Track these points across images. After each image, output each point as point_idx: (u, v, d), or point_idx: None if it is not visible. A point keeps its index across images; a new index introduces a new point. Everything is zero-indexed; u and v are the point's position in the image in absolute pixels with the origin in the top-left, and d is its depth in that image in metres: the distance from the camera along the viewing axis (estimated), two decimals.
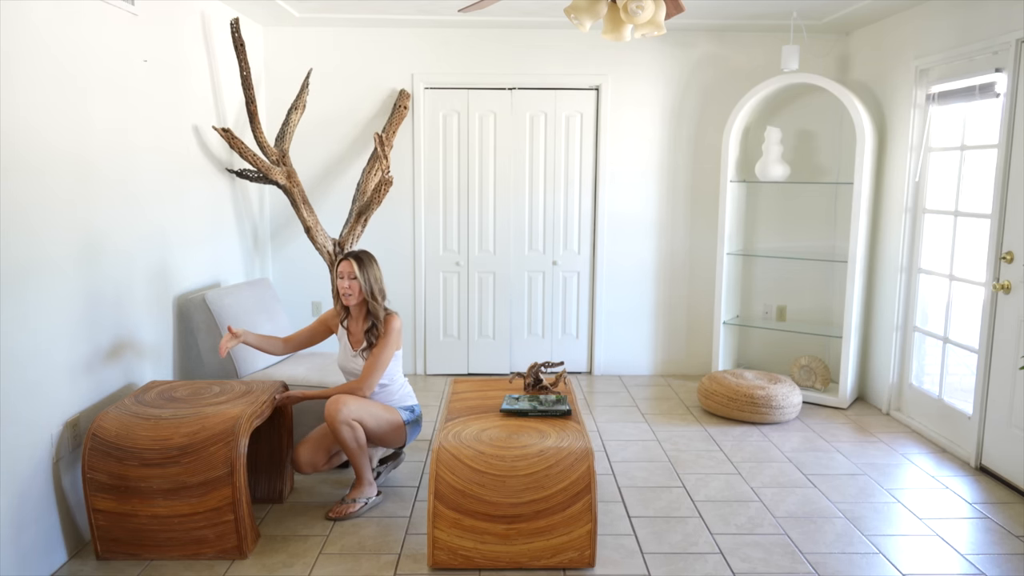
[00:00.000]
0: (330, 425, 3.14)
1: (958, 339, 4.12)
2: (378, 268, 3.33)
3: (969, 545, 3.04)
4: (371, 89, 5.16)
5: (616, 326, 5.48)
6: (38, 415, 2.70)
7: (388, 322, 3.30)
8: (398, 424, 3.34)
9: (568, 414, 3.13)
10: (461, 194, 5.32)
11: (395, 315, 3.34)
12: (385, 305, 3.35)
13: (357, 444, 3.20)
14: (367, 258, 3.31)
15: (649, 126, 5.28)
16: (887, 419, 4.58)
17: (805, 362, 4.98)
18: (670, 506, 3.36)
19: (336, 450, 3.38)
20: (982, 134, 3.95)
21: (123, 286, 3.29)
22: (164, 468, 2.76)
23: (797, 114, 5.16)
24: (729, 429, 4.37)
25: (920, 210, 4.41)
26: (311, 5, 4.61)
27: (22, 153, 2.60)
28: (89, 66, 3.02)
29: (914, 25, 4.39)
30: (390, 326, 3.29)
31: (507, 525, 2.74)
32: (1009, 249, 3.62)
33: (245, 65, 4.16)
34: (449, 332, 5.47)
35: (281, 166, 4.39)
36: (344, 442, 3.17)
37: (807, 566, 2.86)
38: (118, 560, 2.83)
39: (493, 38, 5.15)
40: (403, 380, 3.50)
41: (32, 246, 2.65)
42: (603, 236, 5.36)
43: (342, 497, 3.34)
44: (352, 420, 3.15)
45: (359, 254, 3.30)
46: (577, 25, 2.66)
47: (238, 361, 3.73)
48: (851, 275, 4.64)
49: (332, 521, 3.18)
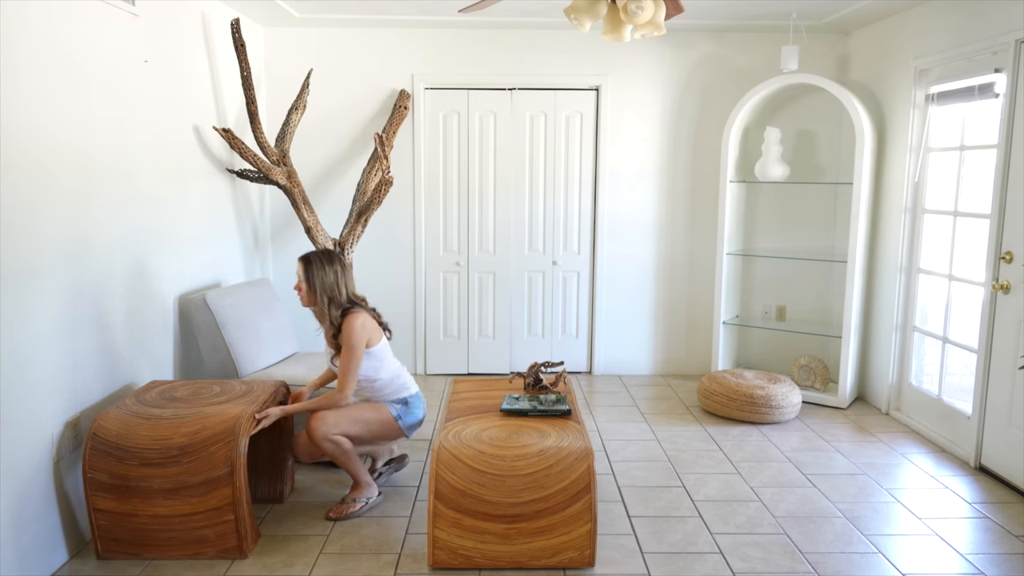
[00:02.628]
0: (313, 444, 3.13)
1: (957, 339, 4.13)
2: (335, 270, 3.14)
3: (968, 545, 3.04)
4: (371, 89, 5.16)
5: (616, 326, 5.48)
6: (39, 415, 2.71)
7: (346, 324, 3.11)
8: (387, 420, 3.24)
9: (568, 414, 3.14)
10: (461, 194, 5.33)
11: (355, 313, 3.13)
12: (351, 298, 3.17)
13: (344, 454, 3.17)
14: (319, 260, 3.14)
15: (649, 126, 5.28)
16: (887, 419, 4.58)
17: (805, 362, 4.99)
18: (670, 506, 3.36)
19: None
20: (981, 134, 3.96)
21: (124, 286, 3.29)
22: (165, 468, 2.77)
23: (797, 114, 5.16)
24: (729, 429, 4.38)
25: (919, 210, 4.42)
26: (311, 5, 4.61)
27: (22, 153, 2.60)
28: (90, 67, 3.02)
29: (914, 25, 4.40)
30: (348, 328, 3.10)
31: (507, 525, 2.74)
32: (1008, 249, 3.63)
33: (245, 65, 4.16)
34: (449, 332, 5.47)
35: (281, 166, 4.39)
36: (331, 456, 3.17)
37: (807, 566, 2.86)
38: (119, 560, 2.84)
39: (493, 38, 5.15)
40: (395, 372, 3.32)
41: (32, 246, 2.65)
42: (603, 236, 5.36)
43: (342, 497, 3.34)
44: (333, 436, 3.10)
45: (310, 256, 3.15)
46: (577, 25, 2.66)
47: (238, 361, 3.73)
48: (851, 275, 4.64)
49: (332, 521, 3.19)
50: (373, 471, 3.53)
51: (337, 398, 3.14)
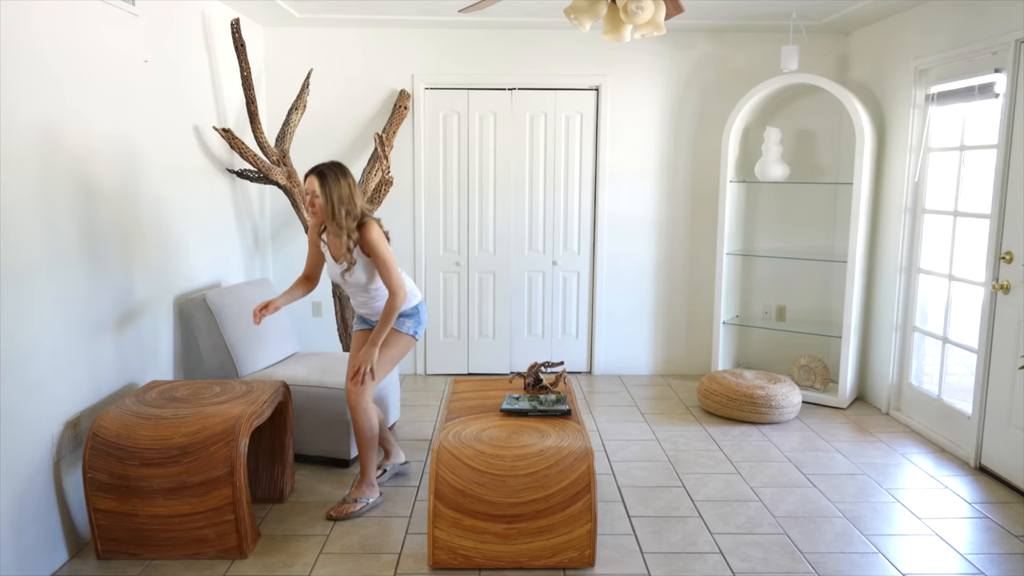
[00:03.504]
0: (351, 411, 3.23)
1: (957, 339, 4.13)
2: (346, 182, 3.07)
3: (968, 545, 3.04)
4: (371, 89, 5.16)
5: (616, 326, 5.48)
6: (39, 415, 2.71)
7: (367, 233, 3.09)
8: (408, 344, 3.35)
9: (568, 414, 3.14)
10: (461, 194, 5.33)
11: (369, 223, 3.11)
12: (363, 209, 3.13)
13: (372, 434, 3.26)
14: (332, 173, 3.07)
15: (649, 126, 5.28)
16: (886, 419, 4.58)
17: (805, 362, 4.99)
18: (670, 506, 3.36)
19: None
20: (981, 134, 3.96)
21: (124, 286, 3.29)
22: (165, 468, 2.77)
23: (796, 114, 5.16)
24: (729, 429, 4.38)
25: (919, 210, 4.42)
26: (311, 5, 4.61)
27: (22, 153, 2.60)
28: (90, 67, 3.02)
29: (914, 25, 4.40)
30: (371, 238, 3.08)
31: (507, 525, 2.74)
32: (1008, 249, 3.63)
33: (245, 65, 4.16)
34: (449, 332, 5.47)
35: (281, 166, 4.39)
36: (360, 431, 3.25)
37: (807, 566, 2.86)
38: (119, 560, 2.84)
39: (493, 38, 5.15)
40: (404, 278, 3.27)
41: (32, 246, 2.65)
42: (603, 236, 5.36)
43: (343, 497, 3.34)
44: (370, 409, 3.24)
45: (323, 168, 3.08)
46: (577, 25, 2.66)
47: (238, 361, 3.73)
48: (850, 275, 4.64)
49: (332, 520, 3.19)
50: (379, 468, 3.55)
51: (397, 301, 3.15)
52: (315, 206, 3.08)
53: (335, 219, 3.06)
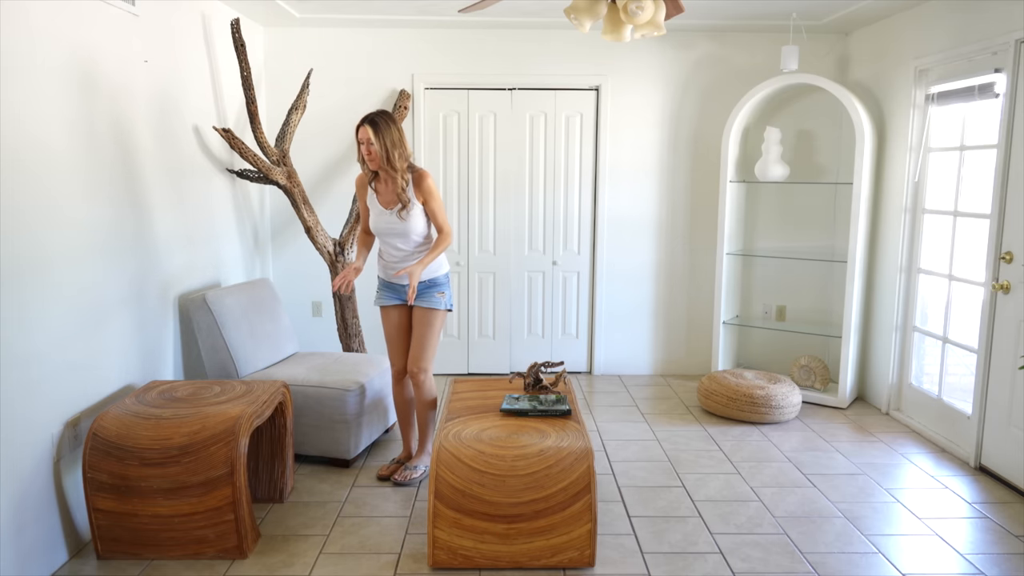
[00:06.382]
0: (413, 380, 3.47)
1: (957, 339, 4.13)
2: (396, 128, 3.24)
3: (968, 545, 3.04)
4: (371, 89, 5.16)
5: (616, 326, 5.48)
6: (39, 415, 2.71)
7: (423, 181, 3.31)
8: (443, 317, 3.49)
9: (568, 414, 3.14)
10: (461, 194, 5.33)
11: (425, 172, 3.33)
12: (411, 163, 3.33)
13: (433, 402, 3.53)
14: (383, 120, 3.23)
15: (649, 126, 5.28)
16: (886, 419, 4.58)
17: (805, 362, 4.99)
18: (670, 506, 3.37)
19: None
20: (981, 134, 3.96)
21: (123, 286, 3.29)
22: (165, 468, 2.77)
23: (797, 114, 5.16)
24: (729, 429, 4.38)
25: (919, 210, 4.42)
26: (311, 5, 4.61)
27: (21, 153, 2.60)
28: (89, 66, 3.02)
29: (913, 25, 4.40)
30: (426, 181, 3.31)
31: (507, 525, 2.75)
32: (1008, 249, 3.63)
33: (245, 65, 4.16)
34: (449, 332, 5.47)
35: (281, 166, 4.39)
36: (423, 402, 3.50)
37: (806, 566, 2.86)
38: (119, 560, 2.84)
39: (493, 38, 5.15)
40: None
41: (32, 246, 2.65)
42: (603, 236, 5.36)
43: (399, 461, 3.59)
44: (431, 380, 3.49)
45: (375, 117, 3.23)
46: (577, 25, 2.66)
47: (238, 361, 3.73)
48: (850, 275, 4.64)
49: (393, 483, 3.43)
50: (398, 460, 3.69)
51: (448, 241, 3.38)
52: (371, 153, 3.23)
53: (390, 162, 3.23)
